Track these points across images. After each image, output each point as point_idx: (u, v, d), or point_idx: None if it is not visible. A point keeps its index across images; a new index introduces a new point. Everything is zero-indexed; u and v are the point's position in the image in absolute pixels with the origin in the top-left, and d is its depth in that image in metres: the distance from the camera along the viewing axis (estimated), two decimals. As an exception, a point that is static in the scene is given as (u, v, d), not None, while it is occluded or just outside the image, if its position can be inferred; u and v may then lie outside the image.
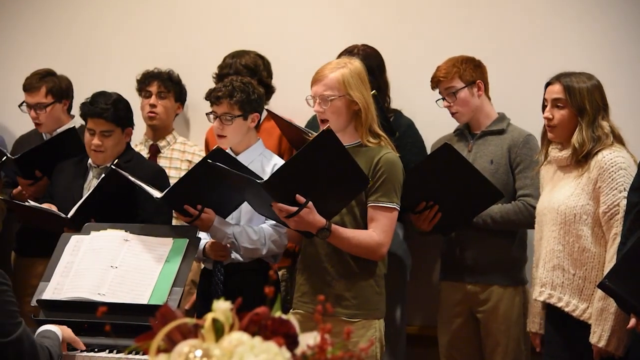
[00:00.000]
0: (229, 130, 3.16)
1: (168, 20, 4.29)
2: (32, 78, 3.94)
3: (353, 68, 2.94)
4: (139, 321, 2.69)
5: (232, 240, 3.09)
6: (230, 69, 3.71)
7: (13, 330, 2.25)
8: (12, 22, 4.47)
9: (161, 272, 2.91)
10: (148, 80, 3.95)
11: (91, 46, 4.37)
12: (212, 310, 1.39)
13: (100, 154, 3.40)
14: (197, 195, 3.04)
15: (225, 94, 3.14)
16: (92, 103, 3.40)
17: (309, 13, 4.13)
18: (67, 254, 3.01)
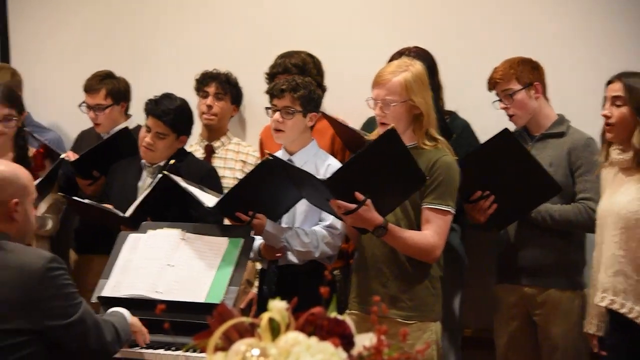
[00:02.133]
0: (288, 124, 3.16)
1: (224, 22, 4.32)
2: (92, 80, 4.01)
3: (415, 71, 2.91)
4: (196, 319, 2.72)
5: (285, 244, 3.11)
6: (279, 68, 3.73)
7: (74, 312, 2.29)
8: (73, 23, 4.55)
9: (217, 271, 2.94)
10: (207, 80, 3.99)
11: (149, 47, 4.43)
12: (268, 310, 1.40)
13: (150, 152, 3.45)
14: (248, 201, 3.06)
15: (289, 88, 3.15)
16: (157, 103, 3.44)
17: (361, 13, 4.12)
18: (125, 252, 3.06)
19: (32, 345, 2.23)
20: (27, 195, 2.39)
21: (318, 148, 3.28)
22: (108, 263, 3.06)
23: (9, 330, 2.20)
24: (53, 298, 2.25)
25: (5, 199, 2.32)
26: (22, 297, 2.21)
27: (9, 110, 3.65)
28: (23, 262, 2.25)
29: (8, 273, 2.23)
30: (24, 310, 2.21)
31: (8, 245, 2.30)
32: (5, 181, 2.34)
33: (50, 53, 4.56)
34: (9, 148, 3.74)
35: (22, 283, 2.22)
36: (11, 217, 2.34)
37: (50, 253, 2.31)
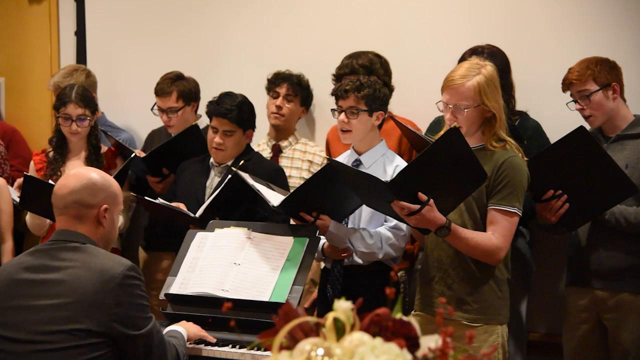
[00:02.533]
0: (354, 124, 3.16)
1: (293, 23, 4.33)
2: (163, 83, 4.06)
3: (487, 74, 2.85)
4: (261, 318, 2.75)
5: (348, 245, 3.11)
6: (346, 68, 3.73)
7: (144, 325, 2.32)
8: (146, 24, 4.62)
9: (282, 271, 2.95)
10: (278, 81, 4.01)
11: (218, 47, 4.47)
12: (332, 310, 1.40)
13: (221, 152, 3.50)
14: (312, 202, 3.07)
15: (353, 88, 3.15)
16: (219, 103, 3.50)
17: (430, 12, 4.08)
18: (192, 250, 3.10)
19: (100, 349, 2.27)
20: (116, 204, 2.45)
21: (387, 149, 3.27)
22: (176, 261, 3.10)
23: (80, 330, 2.25)
24: (127, 306, 2.29)
25: (97, 203, 2.39)
26: (97, 299, 2.26)
27: (83, 110, 3.75)
28: (104, 266, 2.30)
29: (88, 275, 2.28)
30: (98, 313, 2.26)
31: (92, 248, 2.35)
32: (97, 187, 2.40)
33: (124, 54, 4.65)
34: (83, 147, 3.84)
35: (99, 286, 2.26)
36: (99, 222, 2.40)
37: (130, 262, 2.36)
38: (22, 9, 4.81)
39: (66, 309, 2.26)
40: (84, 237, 2.38)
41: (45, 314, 2.27)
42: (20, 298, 2.32)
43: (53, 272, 2.32)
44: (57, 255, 2.34)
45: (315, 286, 3.71)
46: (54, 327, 2.25)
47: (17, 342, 2.28)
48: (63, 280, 2.29)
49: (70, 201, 2.38)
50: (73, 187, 2.39)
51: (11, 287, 2.34)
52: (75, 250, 2.34)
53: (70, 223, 2.38)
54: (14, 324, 2.30)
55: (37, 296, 2.30)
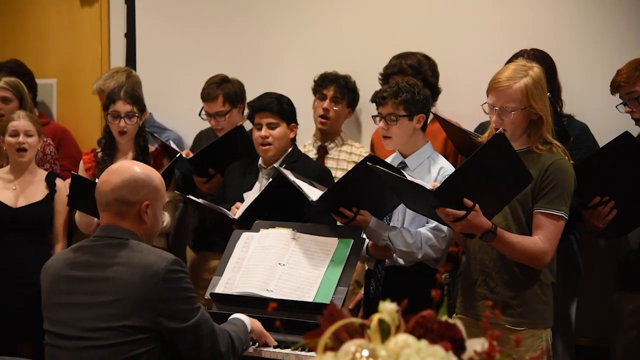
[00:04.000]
0: (394, 130, 3.15)
1: (338, 23, 4.34)
2: (209, 88, 4.08)
3: (535, 76, 2.81)
4: (306, 318, 2.75)
5: (387, 242, 3.10)
6: (394, 68, 3.72)
7: (190, 316, 2.34)
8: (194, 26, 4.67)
9: (326, 271, 2.95)
10: (325, 83, 4.02)
11: (265, 49, 4.50)
12: (377, 311, 1.40)
13: (268, 147, 3.52)
14: (352, 198, 3.06)
15: (390, 94, 3.13)
16: (258, 99, 3.57)
17: (478, 15, 4.06)
18: (238, 250, 3.12)
19: (148, 344, 2.29)
20: (158, 199, 2.46)
21: (432, 150, 3.25)
22: (221, 261, 3.13)
23: (127, 326, 2.28)
24: (172, 300, 2.30)
25: (138, 200, 2.40)
26: (143, 295, 2.28)
27: (131, 107, 3.82)
28: (147, 261, 2.32)
29: (132, 271, 2.30)
30: (143, 309, 2.28)
31: (135, 244, 2.38)
32: (139, 183, 2.41)
33: (172, 56, 4.70)
34: (130, 148, 3.90)
35: (144, 282, 2.28)
36: (141, 218, 2.42)
37: (173, 256, 2.37)
38: (74, 12, 4.90)
39: (113, 307, 2.29)
40: (128, 232, 2.40)
41: (92, 311, 2.31)
42: (67, 295, 2.36)
43: (98, 269, 2.35)
44: (102, 251, 2.37)
45: (360, 287, 3.70)
46: (101, 324, 2.29)
47: (67, 339, 2.33)
48: (109, 278, 2.32)
49: (112, 198, 2.40)
50: (114, 185, 2.41)
51: (58, 284, 2.39)
52: (119, 247, 2.37)
53: (113, 219, 2.41)
54: (63, 320, 2.34)
55: (83, 293, 2.34)
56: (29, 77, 4.56)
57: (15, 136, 3.78)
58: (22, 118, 3.80)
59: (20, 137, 3.78)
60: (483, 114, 2.97)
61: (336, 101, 4.01)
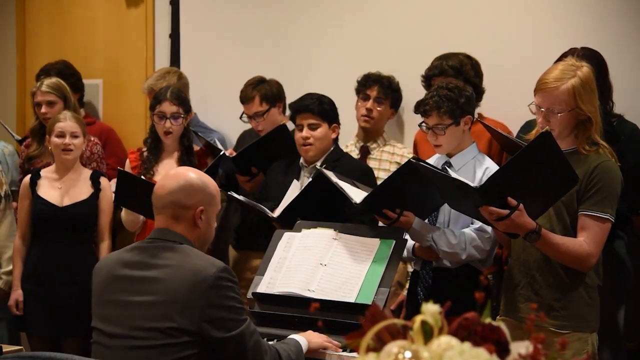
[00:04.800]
0: (443, 139, 3.13)
1: (383, 24, 4.33)
2: (245, 90, 4.12)
3: (583, 76, 2.76)
4: (347, 319, 2.75)
5: (431, 243, 3.08)
6: (436, 70, 3.70)
7: (235, 327, 2.33)
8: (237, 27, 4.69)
9: (368, 272, 2.95)
10: (369, 83, 4.00)
11: (307, 50, 4.51)
12: (420, 313, 1.39)
13: (310, 147, 3.52)
14: (395, 199, 3.05)
15: (433, 107, 3.10)
16: (300, 100, 3.58)
17: (522, 14, 4.01)
18: (280, 250, 3.13)
19: (193, 348, 2.30)
20: (213, 205, 2.48)
21: (478, 151, 3.22)
22: (263, 260, 3.14)
23: (173, 328, 2.29)
24: (217, 307, 2.31)
25: (193, 205, 2.42)
26: (190, 299, 2.29)
27: (177, 108, 3.87)
28: (197, 267, 2.33)
29: (182, 275, 2.32)
30: (189, 313, 2.29)
31: (188, 249, 2.39)
32: (193, 188, 2.44)
33: (216, 56, 4.74)
34: (176, 148, 3.95)
35: (192, 286, 2.29)
36: (195, 223, 2.43)
37: (224, 264, 2.38)
38: (121, 13, 4.97)
39: (160, 307, 2.31)
40: (181, 237, 2.41)
41: (140, 311, 2.33)
42: (118, 293, 2.38)
43: (150, 269, 2.37)
44: (155, 253, 2.39)
45: (402, 288, 3.69)
46: (148, 324, 2.31)
47: (114, 337, 2.35)
48: (159, 279, 2.34)
49: (167, 202, 2.43)
50: (171, 188, 2.44)
51: (111, 282, 2.41)
52: (172, 250, 2.39)
53: (168, 222, 2.43)
54: (112, 318, 2.37)
55: (134, 292, 2.36)
56: (76, 78, 4.63)
57: (62, 137, 3.84)
58: (69, 119, 3.86)
59: (66, 138, 3.83)
60: (529, 114, 2.93)
61: (379, 101, 4.00)
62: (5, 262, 3.96)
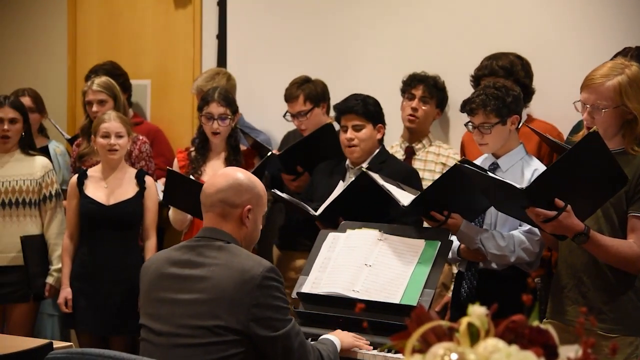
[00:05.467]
0: (489, 138, 3.11)
1: (428, 23, 4.31)
2: (290, 89, 4.14)
3: (631, 74, 2.71)
4: (392, 320, 2.75)
5: (479, 246, 3.05)
6: (485, 70, 3.66)
7: (281, 327, 2.35)
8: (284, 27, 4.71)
9: (413, 273, 2.94)
10: (414, 83, 3.99)
11: (353, 50, 4.50)
12: (466, 314, 1.38)
13: (354, 148, 3.52)
14: (443, 201, 3.03)
15: (479, 105, 3.08)
16: (344, 101, 3.58)
17: (574, 13, 3.95)
18: (324, 250, 3.13)
19: (239, 347, 2.32)
20: (260, 205, 2.51)
21: (525, 152, 3.19)
22: (308, 260, 3.14)
23: (220, 327, 2.31)
24: (263, 307, 2.33)
25: (241, 203, 2.45)
26: (236, 298, 2.31)
27: (225, 110, 3.91)
28: (244, 266, 2.35)
29: (229, 274, 2.34)
30: (236, 312, 2.31)
31: (235, 248, 2.42)
32: (242, 187, 2.47)
33: (262, 57, 4.75)
34: (223, 148, 3.99)
35: (239, 286, 2.32)
36: (242, 222, 2.46)
37: (270, 263, 2.40)
38: (169, 14, 5.02)
39: (207, 305, 2.33)
40: (229, 235, 2.44)
41: (187, 309, 2.35)
42: (166, 291, 2.41)
43: (198, 268, 2.40)
44: (203, 252, 2.42)
45: (447, 290, 3.67)
46: (195, 322, 2.33)
47: (162, 335, 2.37)
48: (206, 277, 2.36)
49: (216, 200, 2.46)
50: (220, 186, 2.47)
51: (158, 280, 2.44)
52: (220, 249, 2.41)
53: (216, 221, 2.46)
54: (160, 316, 2.40)
55: (181, 290, 2.38)
56: (123, 79, 4.70)
57: (107, 137, 3.89)
58: (113, 120, 3.91)
59: (111, 138, 3.89)
60: (579, 116, 2.89)
61: (425, 101, 3.98)
62: (55, 260, 4.03)
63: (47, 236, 4.05)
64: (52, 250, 4.04)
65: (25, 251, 3.97)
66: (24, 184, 4.02)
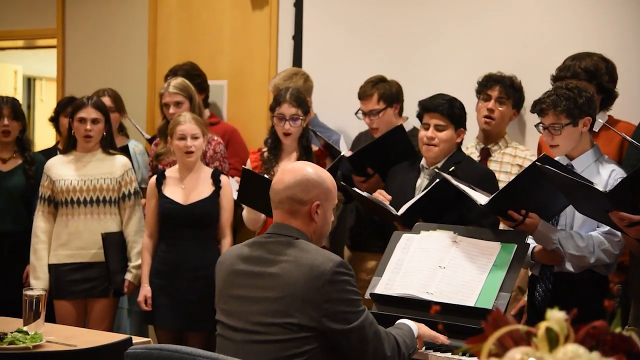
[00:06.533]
0: (559, 139, 3.06)
1: (504, 22, 4.25)
2: (365, 86, 4.14)
3: None
4: (467, 323, 2.71)
5: (557, 246, 2.99)
6: (567, 71, 3.57)
7: (354, 319, 2.35)
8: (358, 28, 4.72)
9: (488, 276, 2.90)
10: (490, 83, 3.93)
11: (428, 50, 4.47)
12: (541, 319, 1.35)
13: (433, 148, 3.48)
14: (521, 200, 2.98)
15: (549, 105, 3.03)
16: (431, 99, 3.53)
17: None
18: (398, 251, 3.12)
19: (312, 343, 2.33)
20: (329, 200, 2.51)
21: (601, 154, 3.12)
22: (382, 261, 3.13)
23: (293, 324, 2.33)
24: (335, 302, 2.33)
25: (309, 199, 2.46)
26: (308, 295, 2.32)
27: (296, 110, 3.93)
28: (314, 262, 2.35)
29: (299, 270, 2.35)
30: (308, 308, 2.32)
31: (304, 244, 2.43)
32: (310, 183, 2.47)
33: (337, 58, 4.76)
34: (295, 148, 4.01)
35: (310, 282, 2.33)
36: (311, 217, 2.47)
37: (340, 257, 2.40)
38: (246, 15, 5.08)
39: (279, 303, 2.35)
40: (298, 231, 2.45)
41: (260, 306, 2.37)
42: (238, 288, 2.44)
43: (269, 265, 2.42)
44: (273, 248, 2.44)
45: (523, 294, 3.60)
46: (268, 319, 2.35)
47: (237, 331, 2.40)
48: (277, 274, 2.38)
49: (284, 196, 2.47)
50: (288, 183, 2.47)
51: (231, 277, 2.47)
52: (289, 245, 2.42)
53: (285, 217, 2.47)
54: (234, 312, 2.43)
55: (254, 287, 2.41)
56: (201, 79, 4.78)
57: (183, 139, 3.96)
58: (189, 121, 3.98)
59: (187, 140, 3.96)
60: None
61: (501, 102, 3.92)
62: (134, 257, 4.13)
63: (126, 233, 4.15)
64: (130, 247, 4.14)
65: (105, 248, 4.08)
66: (105, 183, 4.13)
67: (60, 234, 4.10)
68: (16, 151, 4.39)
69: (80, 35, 5.63)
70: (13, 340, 2.73)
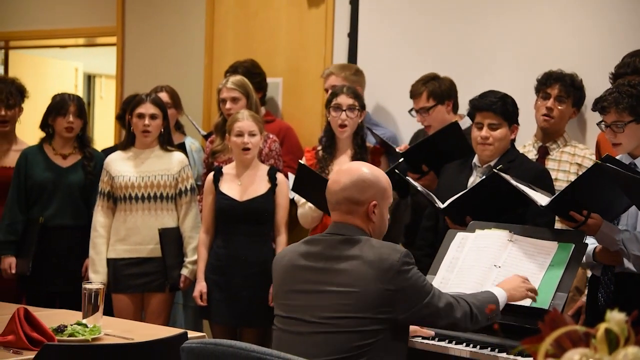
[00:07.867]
0: (622, 137, 3.00)
1: (561, 19, 4.19)
2: (415, 85, 4.14)
3: None
4: (522, 322, 2.68)
5: (621, 247, 2.93)
6: (627, 68, 3.50)
7: (423, 299, 2.43)
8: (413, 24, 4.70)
9: (544, 276, 2.86)
10: (550, 81, 3.87)
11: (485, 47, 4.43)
12: (601, 320, 1.33)
13: (486, 147, 3.45)
14: (582, 201, 2.94)
15: (611, 103, 2.98)
16: (482, 97, 3.48)
17: None
18: (452, 250, 3.10)
19: (379, 334, 2.38)
20: (385, 198, 2.54)
21: (667, 152, 3.05)
22: (435, 259, 3.12)
23: (364, 317, 2.37)
24: (407, 290, 2.39)
25: (366, 200, 2.49)
26: (380, 288, 2.37)
27: (353, 101, 3.95)
28: (382, 255, 2.40)
29: (368, 264, 2.40)
30: (380, 301, 2.37)
31: (367, 240, 2.47)
32: (366, 183, 2.50)
33: (392, 55, 4.75)
34: (349, 146, 4.01)
35: (380, 276, 2.38)
36: (369, 217, 2.51)
37: (404, 248, 2.45)
38: (302, 13, 5.10)
39: (350, 297, 2.38)
40: (358, 229, 2.49)
41: (329, 300, 2.41)
42: (302, 283, 2.48)
43: (332, 261, 2.45)
44: (334, 245, 2.47)
45: (580, 294, 3.55)
46: (339, 313, 2.39)
47: (302, 324, 2.44)
48: (344, 270, 2.42)
49: (341, 197, 2.50)
50: (344, 184, 2.50)
51: (293, 272, 2.51)
52: (351, 242, 2.46)
53: (344, 217, 2.51)
54: (298, 307, 2.46)
55: (319, 282, 2.44)
56: (261, 77, 4.82)
57: (240, 136, 4.00)
58: (246, 119, 4.02)
59: (245, 137, 4.00)
60: None
61: (561, 100, 3.85)
62: (190, 252, 4.18)
63: (183, 229, 4.20)
64: (187, 243, 4.20)
65: (162, 243, 4.14)
66: (162, 179, 4.19)
67: (119, 229, 4.17)
68: (76, 147, 4.49)
69: (139, 33, 5.73)
70: (73, 332, 2.79)
